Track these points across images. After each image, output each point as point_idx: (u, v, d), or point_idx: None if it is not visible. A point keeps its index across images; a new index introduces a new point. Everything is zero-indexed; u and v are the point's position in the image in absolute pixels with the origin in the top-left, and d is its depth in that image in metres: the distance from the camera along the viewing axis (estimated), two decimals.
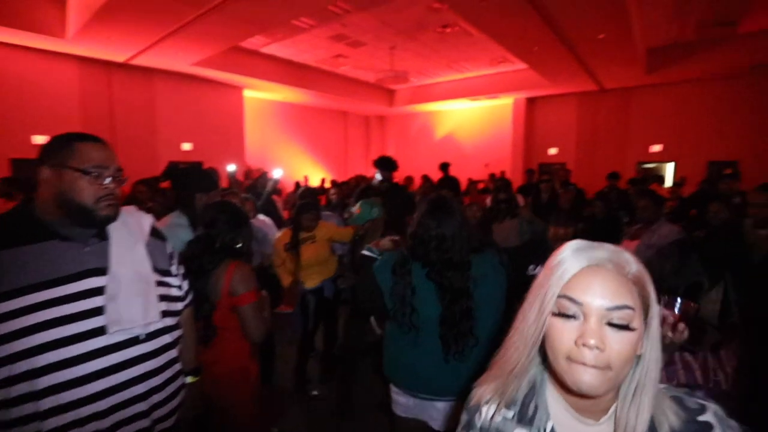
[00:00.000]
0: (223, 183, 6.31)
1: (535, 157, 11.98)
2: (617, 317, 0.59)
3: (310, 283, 3.04)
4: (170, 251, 1.42)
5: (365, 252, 1.83)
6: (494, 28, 6.41)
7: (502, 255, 1.59)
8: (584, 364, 0.59)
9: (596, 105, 10.73)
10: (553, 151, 11.71)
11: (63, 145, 1.09)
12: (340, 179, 10.36)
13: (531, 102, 11.64)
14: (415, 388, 1.63)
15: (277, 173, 5.30)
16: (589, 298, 0.60)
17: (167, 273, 1.36)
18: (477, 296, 1.51)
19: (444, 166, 6.02)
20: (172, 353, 1.34)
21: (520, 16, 5.76)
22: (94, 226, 1.15)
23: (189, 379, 1.54)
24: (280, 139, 12.31)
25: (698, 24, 7.21)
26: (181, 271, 1.48)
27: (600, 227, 3.68)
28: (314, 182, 11.16)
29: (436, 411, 1.62)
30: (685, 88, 9.51)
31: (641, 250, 2.74)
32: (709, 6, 6.42)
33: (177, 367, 1.37)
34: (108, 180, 1.13)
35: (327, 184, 9.86)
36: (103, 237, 1.17)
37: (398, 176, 12.84)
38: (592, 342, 0.58)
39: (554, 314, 0.63)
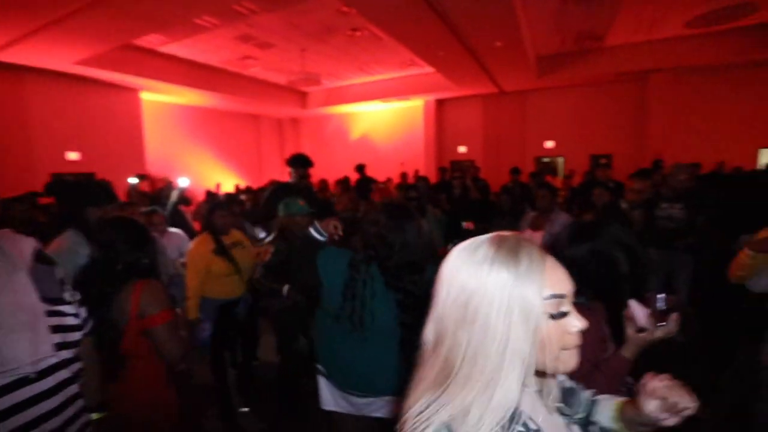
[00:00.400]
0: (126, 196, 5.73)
1: (446, 155, 12.67)
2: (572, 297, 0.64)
3: (229, 294, 2.84)
4: (61, 276, 1.26)
5: (312, 232, 1.76)
6: (401, 32, 6.65)
7: None
8: (576, 347, 0.62)
9: (498, 106, 11.67)
10: (462, 149, 12.49)
11: None
12: (255, 185, 9.96)
13: (440, 103, 12.29)
14: (354, 387, 1.64)
15: (182, 182, 4.92)
16: (566, 286, 0.62)
17: (59, 301, 1.21)
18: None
19: (360, 168, 6.11)
20: (72, 389, 1.20)
21: (425, 23, 6.06)
22: None
23: (94, 416, 1.39)
24: (186, 146, 11.46)
25: (575, 37, 8.23)
26: (77, 297, 1.32)
27: (507, 218, 4.03)
28: (228, 189, 10.57)
29: (377, 406, 1.65)
30: (570, 91, 10.79)
31: (547, 240, 3.06)
32: (581, 21, 7.34)
33: (79, 404, 1.23)
34: None
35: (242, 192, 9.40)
36: None
37: (312, 179, 12.70)
38: (582, 325, 0.62)
39: (551, 317, 0.59)
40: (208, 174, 11.84)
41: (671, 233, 2.96)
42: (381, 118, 13.38)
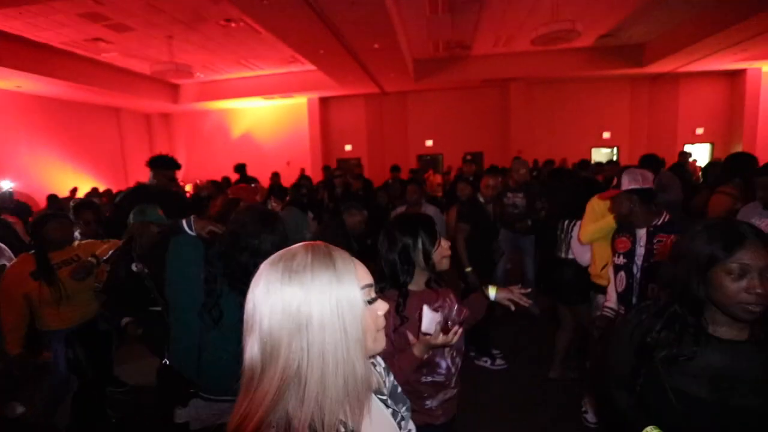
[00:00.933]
0: None
1: (333, 153, 12.73)
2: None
3: (72, 321, 2.38)
4: None
5: (183, 225, 1.67)
6: (277, 27, 6.46)
7: None
8: (383, 328, 0.71)
9: (380, 106, 12.11)
10: (348, 147, 12.67)
11: None
12: (118, 188, 8.74)
13: (324, 102, 12.27)
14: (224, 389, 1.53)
15: (5, 185, 4.06)
16: (370, 277, 0.70)
17: None
18: None
19: (239, 168, 5.78)
20: None
21: (302, 19, 5.96)
22: None
23: None
24: (24, 142, 9.52)
25: (445, 44, 8.95)
26: None
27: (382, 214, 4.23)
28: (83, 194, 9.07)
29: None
30: (446, 94, 11.72)
31: None
32: (449, 31, 8.01)
33: None
34: None
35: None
36: None
37: (190, 178, 11.65)
38: (386, 307, 0.70)
39: (368, 303, 0.68)
40: (56, 176, 10.01)
41: (515, 217, 3.50)
42: (264, 115, 12.86)
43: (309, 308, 0.60)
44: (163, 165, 3.10)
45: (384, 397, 0.82)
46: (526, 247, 4.04)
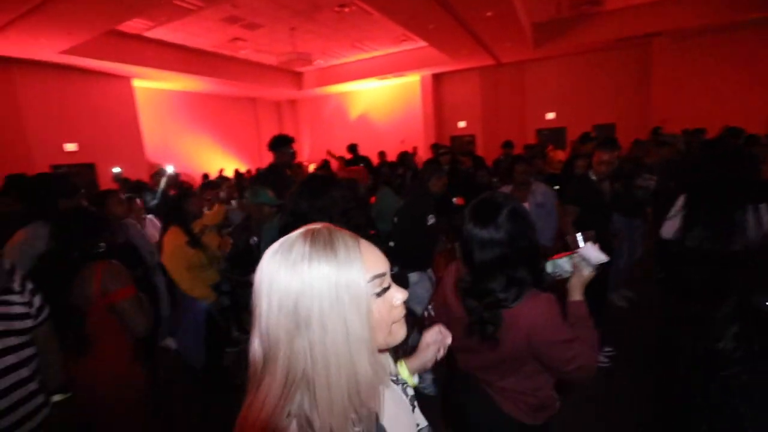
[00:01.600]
0: (113, 185, 5.78)
1: (446, 131, 12.50)
2: None
3: (208, 292, 2.71)
4: (8, 267, 1.30)
5: None
6: (387, 6, 6.47)
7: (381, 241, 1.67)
8: (402, 317, 0.64)
9: (496, 79, 11.40)
10: (462, 124, 12.30)
11: None
12: (255, 168, 9.98)
13: (437, 78, 12.04)
14: None
15: (169, 169, 4.94)
16: (383, 264, 0.63)
17: (6, 291, 1.25)
18: None
19: (352, 148, 6.07)
20: (22, 373, 1.25)
21: None
22: None
23: (56, 398, 1.44)
24: (184, 132, 11.47)
25: (571, 2, 7.93)
26: (29, 287, 1.36)
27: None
28: (228, 174, 10.60)
29: None
30: (570, 60, 10.45)
31: (533, 211, 3.02)
32: None
33: (31, 387, 1.28)
34: None
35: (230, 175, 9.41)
36: None
37: (314, 159, 12.59)
38: (403, 296, 0.63)
39: (377, 296, 0.60)
40: (207, 159, 11.87)
41: (638, 204, 2.99)
42: (379, 96, 13.19)
43: (309, 304, 0.53)
44: (280, 144, 3.39)
45: (393, 377, 0.77)
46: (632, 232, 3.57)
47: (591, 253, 1.31)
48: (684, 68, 9.11)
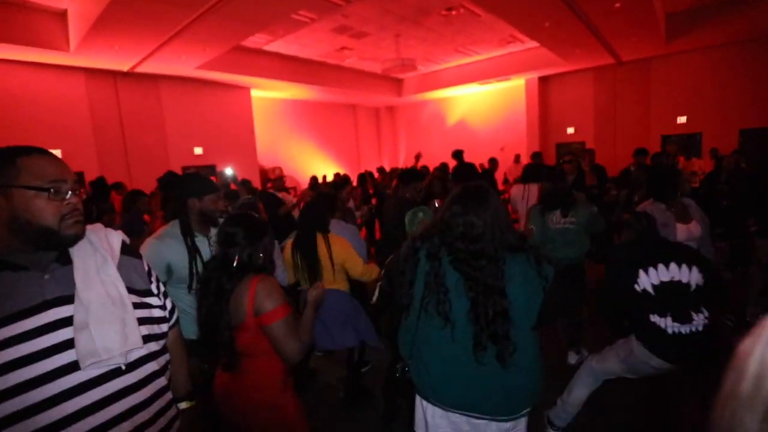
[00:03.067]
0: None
1: (552, 137, 11.61)
2: None
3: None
4: (147, 269, 1.30)
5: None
6: (501, 5, 6.12)
7: (541, 260, 1.38)
8: None
9: (614, 79, 10.26)
10: (570, 130, 11.30)
11: (5, 162, 0.96)
12: (353, 173, 10.23)
13: (544, 81, 11.23)
14: (450, 400, 1.41)
15: (228, 171, 5.06)
16: None
17: (147, 293, 1.24)
18: (509, 296, 1.33)
19: (457, 154, 5.80)
20: (161, 382, 1.22)
21: None
22: (59, 248, 1.04)
23: (183, 405, 1.43)
24: (290, 137, 12.26)
25: None
26: (162, 289, 1.35)
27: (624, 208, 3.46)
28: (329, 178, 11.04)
29: None
30: (706, 55, 8.98)
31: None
32: None
33: (168, 396, 1.26)
34: (69, 194, 1.01)
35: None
36: (65, 261, 1.05)
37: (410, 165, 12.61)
38: None
39: None
40: (310, 164, 12.52)
41: None
42: (478, 101, 12.73)
43: None
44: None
45: None
46: None
47: None
48: None
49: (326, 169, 12.30)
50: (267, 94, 11.24)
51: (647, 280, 1.89)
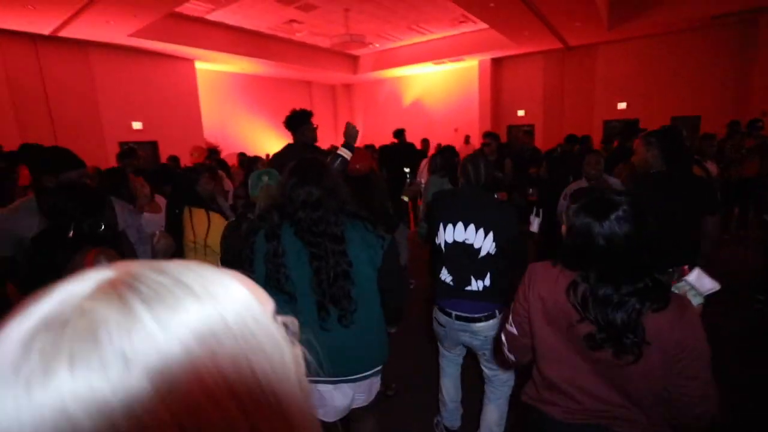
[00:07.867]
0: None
1: (503, 119, 11.84)
2: None
3: None
4: None
5: None
6: None
7: (377, 226, 1.49)
8: None
9: (562, 64, 10.52)
10: (521, 113, 11.56)
11: None
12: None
13: (497, 63, 11.36)
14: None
15: None
16: None
17: None
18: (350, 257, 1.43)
19: (398, 133, 5.83)
20: None
21: None
22: None
23: None
24: (240, 113, 11.80)
25: None
26: None
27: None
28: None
29: (337, 397, 1.52)
30: (647, 43, 9.36)
31: None
32: None
33: None
34: None
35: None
36: None
37: (359, 144, 12.45)
38: None
39: None
40: (262, 141, 12.15)
41: None
42: (434, 81, 12.72)
43: None
44: (300, 120, 3.08)
45: None
46: None
47: (702, 281, 1.14)
48: None
49: (279, 147, 11.96)
50: (214, 67, 10.70)
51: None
